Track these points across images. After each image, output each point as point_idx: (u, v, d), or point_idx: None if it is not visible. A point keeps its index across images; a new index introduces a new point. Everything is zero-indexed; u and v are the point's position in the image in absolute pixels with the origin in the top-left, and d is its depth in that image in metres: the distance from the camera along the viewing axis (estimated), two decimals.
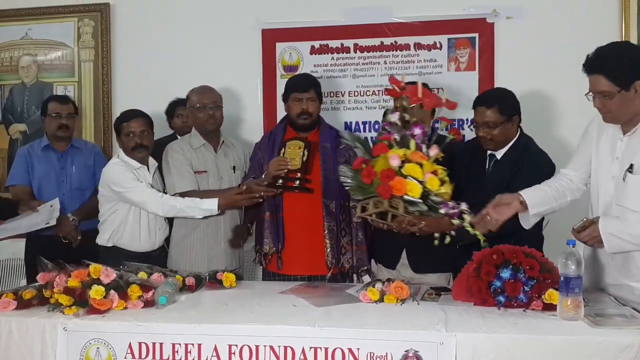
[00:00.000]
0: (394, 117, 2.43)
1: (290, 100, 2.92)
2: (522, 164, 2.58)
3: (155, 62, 3.92)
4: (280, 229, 2.89)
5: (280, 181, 2.79)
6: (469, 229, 2.26)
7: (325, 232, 2.88)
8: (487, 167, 2.69)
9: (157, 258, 2.96)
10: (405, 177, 2.27)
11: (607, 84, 2.06)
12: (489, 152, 2.69)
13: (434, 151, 2.39)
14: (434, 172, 2.34)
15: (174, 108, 3.72)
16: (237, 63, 3.85)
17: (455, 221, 2.27)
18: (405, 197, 2.26)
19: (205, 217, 2.91)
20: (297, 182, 2.79)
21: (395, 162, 2.28)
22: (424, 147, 2.39)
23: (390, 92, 2.59)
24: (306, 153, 2.80)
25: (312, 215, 2.88)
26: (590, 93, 2.12)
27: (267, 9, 3.82)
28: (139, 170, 2.98)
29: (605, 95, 2.07)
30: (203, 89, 3.11)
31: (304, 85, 2.92)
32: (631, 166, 2.12)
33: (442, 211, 2.28)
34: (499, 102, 2.59)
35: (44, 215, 3.15)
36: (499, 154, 2.65)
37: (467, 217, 2.27)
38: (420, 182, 2.27)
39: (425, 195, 2.28)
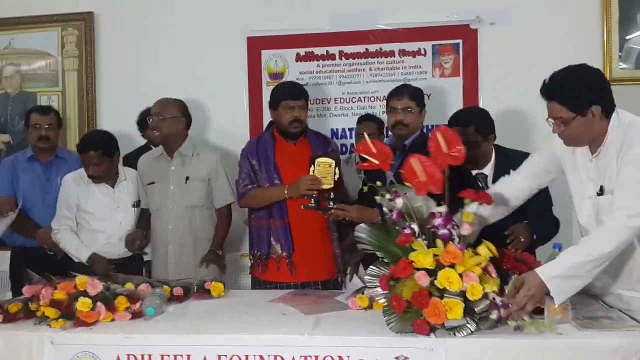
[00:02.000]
0: (399, 204, 2.07)
1: (281, 107, 2.91)
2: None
3: (140, 70, 3.91)
4: (289, 234, 2.89)
5: (313, 201, 2.76)
6: (530, 328, 1.95)
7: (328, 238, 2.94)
8: (481, 185, 2.65)
9: (131, 265, 2.99)
10: (442, 293, 1.91)
11: (562, 110, 2.04)
12: (475, 172, 2.70)
13: (467, 230, 2.00)
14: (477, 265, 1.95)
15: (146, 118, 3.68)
16: (222, 70, 3.85)
17: (512, 323, 1.94)
18: (447, 323, 1.90)
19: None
20: (331, 202, 2.75)
21: (425, 282, 1.91)
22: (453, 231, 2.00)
23: (365, 166, 2.25)
24: (337, 171, 2.77)
25: (315, 222, 2.88)
26: (550, 119, 2.11)
27: (252, 17, 3.82)
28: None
29: (562, 122, 2.06)
30: (159, 100, 3.21)
31: (296, 93, 2.92)
32: (601, 188, 2.11)
33: (494, 317, 1.93)
34: (475, 122, 2.62)
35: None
36: (487, 170, 2.67)
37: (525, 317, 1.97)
38: (462, 293, 1.90)
39: (469, 308, 1.92)
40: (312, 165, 2.78)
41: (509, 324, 1.95)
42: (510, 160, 2.62)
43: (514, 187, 2.31)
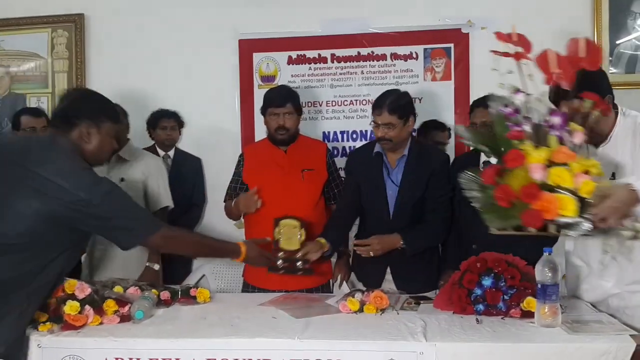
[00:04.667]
0: (519, 99, 1.98)
1: (268, 114, 2.89)
2: None
3: (130, 72, 3.88)
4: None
5: (280, 262, 2.63)
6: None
7: None
8: None
9: None
10: (551, 189, 1.80)
11: (595, 96, 2.03)
12: (482, 160, 2.71)
13: (578, 137, 1.90)
14: (586, 172, 1.84)
15: (157, 119, 3.68)
16: (214, 73, 3.84)
17: (626, 233, 1.85)
18: (559, 220, 1.79)
19: None
20: (299, 263, 2.63)
21: (538, 175, 1.80)
22: (565, 134, 1.90)
23: (501, 54, 2.11)
24: (303, 232, 2.69)
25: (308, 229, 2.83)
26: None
27: (244, 20, 3.81)
28: None
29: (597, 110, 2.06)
30: None
31: (281, 99, 2.87)
32: (613, 175, 2.13)
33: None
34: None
35: None
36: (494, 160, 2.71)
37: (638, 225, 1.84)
38: (572, 192, 1.79)
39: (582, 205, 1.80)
40: (276, 227, 2.69)
41: (621, 233, 1.85)
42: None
43: None
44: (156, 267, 3.03)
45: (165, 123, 3.65)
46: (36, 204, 1.90)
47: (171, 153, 3.71)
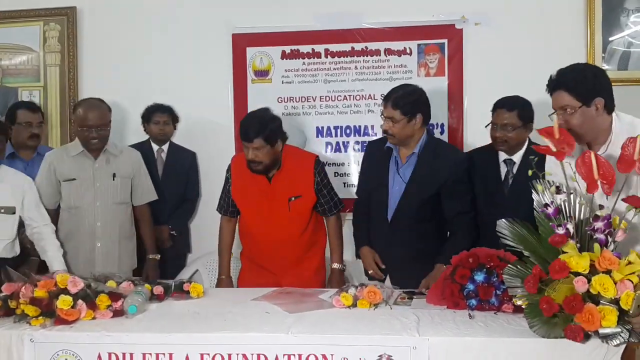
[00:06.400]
0: (561, 198, 1.99)
1: (243, 144, 2.72)
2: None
3: (123, 66, 3.86)
4: (275, 247, 2.88)
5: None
6: None
7: None
8: (502, 172, 2.84)
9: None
10: (594, 299, 1.84)
11: (568, 98, 2.12)
12: (503, 158, 2.84)
13: (621, 236, 1.92)
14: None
15: (151, 114, 3.66)
16: (207, 67, 3.82)
17: None
18: (601, 331, 1.83)
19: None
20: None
21: (583, 287, 1.84)
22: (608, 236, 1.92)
23: (543, 150, 2.06)
24: None
25: (300, 235, 2.89)
26: (552, 115, 2.15)
27: (238, 14, 3.80)
28: None
29: (567, 110, 2.11)
30: (91, 107, 3.05)
31: (248, 134, 2.65)
32: None
33: None
34: (519, 108, 2.79)
35: None
36: (516, 158, 2.82)
37: None
38: (615, 301, 1.83)
39: (622, 316, 1.84)
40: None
41: None
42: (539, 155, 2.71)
43: None
44: (158, 256, 3.21)
45: (158, 118, 3.63)
46: None
47: (165, 147, 3.70)
